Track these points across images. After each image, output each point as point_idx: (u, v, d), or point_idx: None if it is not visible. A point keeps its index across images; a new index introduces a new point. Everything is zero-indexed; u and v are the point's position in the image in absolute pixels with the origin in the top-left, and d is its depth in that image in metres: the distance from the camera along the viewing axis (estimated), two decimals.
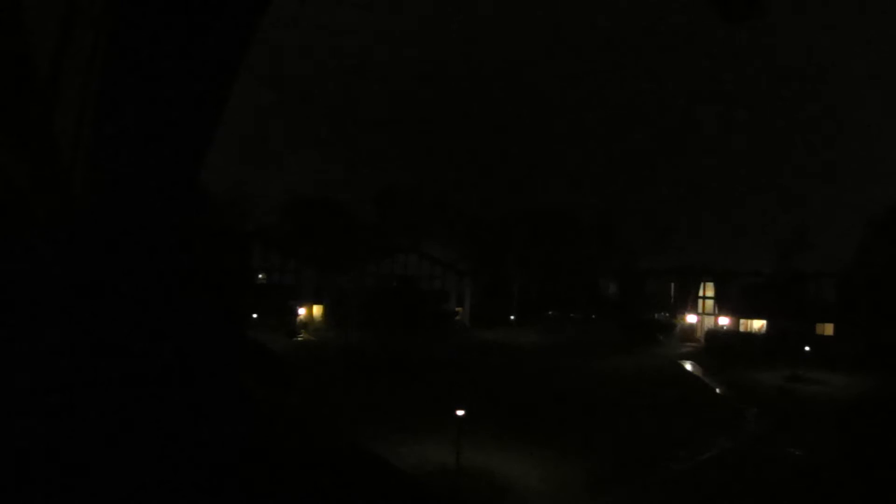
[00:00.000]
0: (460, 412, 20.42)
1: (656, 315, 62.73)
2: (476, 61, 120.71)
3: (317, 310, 57.38)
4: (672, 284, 64.38)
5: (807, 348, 44.15)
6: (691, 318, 61.47)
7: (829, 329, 52.50)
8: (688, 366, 46.16)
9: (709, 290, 61.23)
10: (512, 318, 65.20)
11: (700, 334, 58.91)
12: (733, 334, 56.09)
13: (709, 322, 60.19)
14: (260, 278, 57.68)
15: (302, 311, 55.49)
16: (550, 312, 66.18)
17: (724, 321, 58.59)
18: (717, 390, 37.46)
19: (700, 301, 61.70)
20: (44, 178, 2.86)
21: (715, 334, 56.75)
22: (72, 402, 1.67)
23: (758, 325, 56.44)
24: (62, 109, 2.59)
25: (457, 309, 62.09)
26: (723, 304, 59.17)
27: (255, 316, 47.64)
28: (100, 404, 1.70)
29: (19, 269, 2.71)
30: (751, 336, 55.22)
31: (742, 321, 57.19)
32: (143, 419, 1.67)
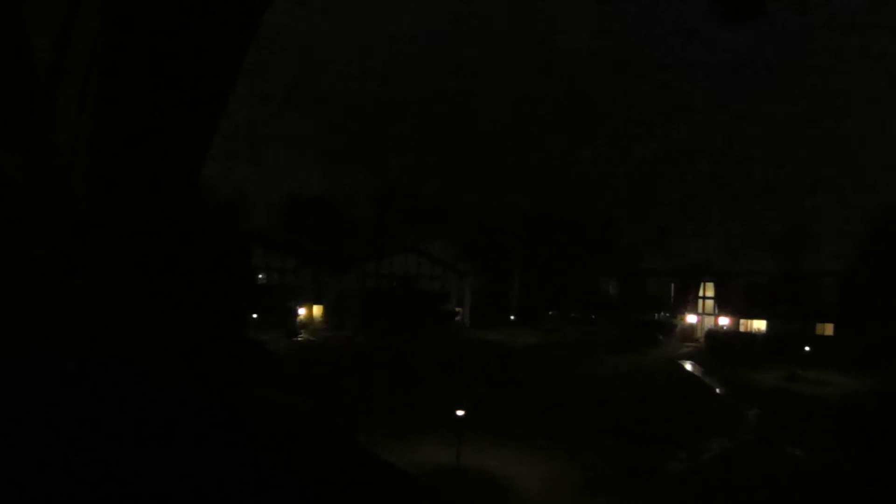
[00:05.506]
0: (460, 412, 20.44)
1: (656, 315, 62.73)
2: (477, 62, 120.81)
3: (317, 310, 57.32)
4: (672, 284, 64.38)
5: (807, 348, 44.17)
6: (691, 318, 61.47)
7: (829, 329, 52.52)
8: (688, 366, 46.14)
9: (709, 290, 61.25)
10: (512, 318, 65.16)
11: (700, 334, 58.91)
12: (733, 334, 56.09)
13: (709, 322, 60.20)
14: (260, 278, 57.66)
15: (302, 311, 55.45)
16: (551, 312, 66.15)
17: (724, 321, 58.61)
18: (717, 390, 37.45)
19: (700, 301, 61.72)
20: (44, 178, 2.86)
21: (715, 334, 56.74)
22: (69, 401, 1.67)
23: (758, 325, 56.45)
24: (62, 110, 2.59)
25: (457, 309, 62.04)
26: (723, 304, 59.18)
27: (255, 316, 47.60)
28: (97, 405, 1.69)
29: (18, 269, 2.71)
30: (751, 336, 55.21)
31: (742, 321, 57.23)
32: (144, 420, 1.67)
